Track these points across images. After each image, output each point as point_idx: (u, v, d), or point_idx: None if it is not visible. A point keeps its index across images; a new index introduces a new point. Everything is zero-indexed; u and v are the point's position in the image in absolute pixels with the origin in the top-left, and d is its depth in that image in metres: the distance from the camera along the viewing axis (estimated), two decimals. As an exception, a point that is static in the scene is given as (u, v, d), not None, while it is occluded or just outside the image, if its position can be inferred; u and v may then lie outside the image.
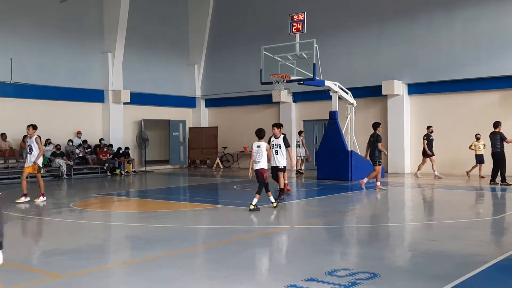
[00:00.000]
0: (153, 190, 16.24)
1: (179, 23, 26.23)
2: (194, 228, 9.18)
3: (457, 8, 19.21)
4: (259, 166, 10.58)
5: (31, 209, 11.49)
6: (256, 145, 10.68)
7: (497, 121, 15.49)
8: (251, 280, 5.56)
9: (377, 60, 20.91)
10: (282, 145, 11.70)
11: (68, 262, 6.41)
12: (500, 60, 18.19)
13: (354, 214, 10.73)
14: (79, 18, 22.19)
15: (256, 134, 10.80)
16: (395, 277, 5.62)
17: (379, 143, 13.93)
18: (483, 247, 7.17)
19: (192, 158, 26.37)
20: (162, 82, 25.29)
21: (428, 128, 18.13)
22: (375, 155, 13.95)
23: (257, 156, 10.61)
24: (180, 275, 5.80)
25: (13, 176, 18.84)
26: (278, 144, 11.73)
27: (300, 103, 23.62)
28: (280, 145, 11.71)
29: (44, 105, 20.85)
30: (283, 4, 22.80)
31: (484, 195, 13.52)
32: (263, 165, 10.58)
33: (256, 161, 10.61)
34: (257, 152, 10.60)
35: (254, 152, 10.66)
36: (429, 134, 18.02)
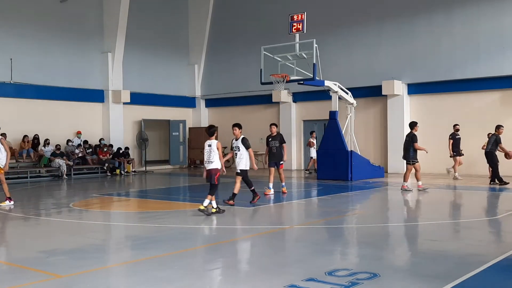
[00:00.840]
0: (153, 190, 16.24)
1: (179, 23, 26.23)
2: (194, 228, 9.17)
3: (457, 8, 19.22)
4: (212, 166, 9.95)
5: (31, 209, 11.48)
6: (207, 144, 10.08)
7: (498, 125, 15.58)
8: (250, 280, 5.56)
9: (377, 60, 20.91)
10: (242, 147, 11.17)
11: (68, 262, 6.41)
12: (500, 60, 18.19)
13: (354, 214, 10.73)
14: (79, 18, 22.19)
15: (206, 132, 10.34)
16: (395, 277, 5.62)
17: (416, 142, 13.92)
18: (483, 247, 7.17)
19: (192, 158, 26.37)
20: (162, 82, 25.29)
21: (454, 126, 17.56)
22: (410, 154, 14.01)
23: (208, 156, 9.99)
24: (180, 275, 5.80)
25: (13, 176, 18.85)
26: (237, 146, 11.25)
27: (300, 103, 23.63)
28: (239, 147, 11.21)
29: (44, 105, 20.85)
30: (283, 4, 22.80)
31: (485, 195, 13.51)
32: (216, 165, 9.97)
33: (207, 161, 10.00)
34: (208, 152, 9.99)
35: (205, 152, 10.09)
36: (455, 132, 17.46)
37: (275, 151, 13.16)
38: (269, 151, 13.31)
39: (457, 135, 17.43)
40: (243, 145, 11.15)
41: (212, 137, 10.07)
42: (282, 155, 13.25)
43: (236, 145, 11.19)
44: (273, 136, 13.29)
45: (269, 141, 13.33)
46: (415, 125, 14.33)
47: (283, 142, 13.30)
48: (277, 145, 13.15)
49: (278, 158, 13.19)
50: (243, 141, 11.15)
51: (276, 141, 13.21)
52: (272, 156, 13.24)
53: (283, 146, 13.24)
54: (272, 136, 13.31)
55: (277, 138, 13.26)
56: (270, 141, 13.31)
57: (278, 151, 13.15)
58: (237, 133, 11.27)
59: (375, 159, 20.66)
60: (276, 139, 13.24)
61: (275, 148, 13.17)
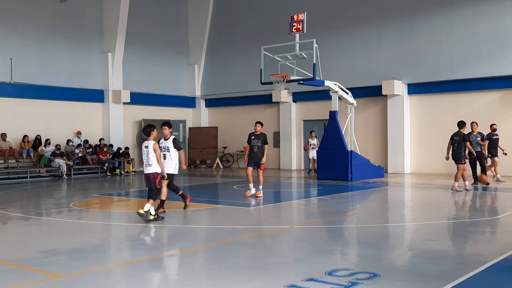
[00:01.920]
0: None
1: (179, 23, 26.24)
2: (194, 228, 9.18)
3: (457, 8, 19.22)
4: (150, 169, 9.15)
5: (31, 209, 11.48)
6: (144, 146, 9.27)
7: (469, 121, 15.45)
8: (251, 280, 5.56)
9: (377, 60, 20.91)
10: (172, 148, 9.97)
11: (68, 262, 6.40)
12: (500, 60, 18.19)
13: (354, 214, 10.73)
14: (79, 18, 22.19)
15: (143, 132, 9.67)
16: (395, 277, 5.62)
17: (468, 141, 13.72)
18: (483, 247, 7.17)
19: (192, 158, 26.38)
20: (162, 82, 25.30)
21: (491, 126, 16.29)
22: (461, 154, 13.65)
23: (146, 158, 9.17)
24: (180, 275, 5.80)
25: (13, 176, 18.86)
26: (167, 146, 10.01)
27: (300, 103, 23.63)
28: (168, 148, 9.98)
29: (44, 105, 20.86)
30: (283, 4, 22.81)
31: (486, 195, 13.51)
32: (155, 168, 9.14)
33: (146, 164, 9.17)
34: (146, 154, 9.18)
35: (143, 154, 9.24)
36: (492, 133, 16.17)
37: (257, 151, 12.55)
38: (250, 149, 12.68)
39: (495, 135, 16.20)
40: (173, 146, 9.90)
41: (150, 137, 9.25)
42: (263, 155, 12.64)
43: (165, 146, 9.99)
44: (257, 135, 12.68)
45: (252, 139, 12.66)
46: (464, 124, 13.89)
47: (266, 143, 12.68)
48: (260, 145, 12.56)
49: (259, 158, 12.60)
50: (174, 141, 9.95)
51: (259, 140, 12.61)
52: (253, 155, 12.63)
53: (265, 146, 12.63)
54: (256, 134, 12.69)
55: (261, 137, 12.65)
56: (252, 139, 12.65)
57: (260, 151, 12.54)
58: (167, 132, 10.05)
59: (375, 159, 20.66)
60: (260, 138, 12.63)
61: (257, 147, 12.56)
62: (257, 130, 12.72)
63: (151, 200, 9.17)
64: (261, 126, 12.81)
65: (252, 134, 12.75)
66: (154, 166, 9.15)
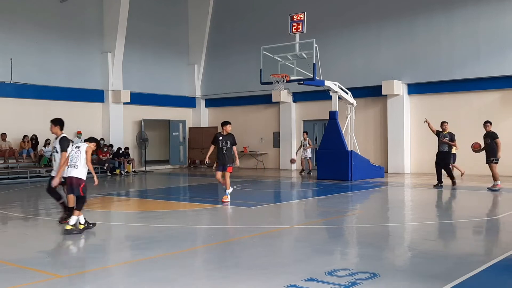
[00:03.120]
0: (153, 190, 16.24)
1: (179, 23, 26.24)
2: (194, 228, 9.18)
3: (457, 8, 19.21)
4: (74, 173, 8.26)
5: (31, 209, 11.48)
6: (75, 146, 8.54)
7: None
8: (251, 280, 5.56)
9: (377, 60, 20.91)
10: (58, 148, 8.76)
11: (68, 262, 6.41)
12: (500, 60, 18.19)
13: (354, 214, 10.73)
14: (79, 18, 22.19)
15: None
16: (395, 277, 5.62)
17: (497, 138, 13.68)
18: (483, 247, 7.17)
19: (192, 158, 26.37)
20: (162, 82, 25.30)
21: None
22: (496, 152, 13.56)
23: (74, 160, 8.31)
24: (180, 275, 5.80)
25: (13, 176, 18.86)
26: (54, 147, 8.98)
27: (300, 103, 23.63)
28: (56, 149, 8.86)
29: (44, 105, 20.84)
30: (283, 4, 22.80)
31: (484, 195, 13.51)
32: (79, 173, 8.28)
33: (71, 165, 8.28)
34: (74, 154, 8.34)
35: (71, 154, 8.38)
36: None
37: (226, 152, 11.74)
38: (219, 152, 11.79)
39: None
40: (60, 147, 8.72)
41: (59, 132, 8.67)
42: (233, 157, 11.98)
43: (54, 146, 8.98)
44: (224, 136, 11.88)
45: (219, 140, 11.80)
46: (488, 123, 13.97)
47: (234, 144, 11.93)
48: (228, 146, 11.81)
49: (227, 160, 11.75)
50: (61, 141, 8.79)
51: (228, 141, 11.83)
52: (222, 158, 11.75)
53: (233, 148, 11.90)
54: (223, 135, 11.88)
55: (229, 138, 11.87)
56: (220, 140, 11.80)
57: (228, 152, 11.77)
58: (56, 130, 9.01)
59: (375, 159, 20.66)
60: (228, 139, 11.84)
61: (225, 149, 11.76)
62: (226, 130, 11.94)
63: (76, 212, 8.27)
64: (229, 126, 12.06)
65: (220, 135, 11.95)
66: (78, 171, 8.27)
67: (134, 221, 10.02)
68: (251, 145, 24.79)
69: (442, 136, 14.67)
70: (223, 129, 12.01)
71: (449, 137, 14.67)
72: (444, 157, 14.77)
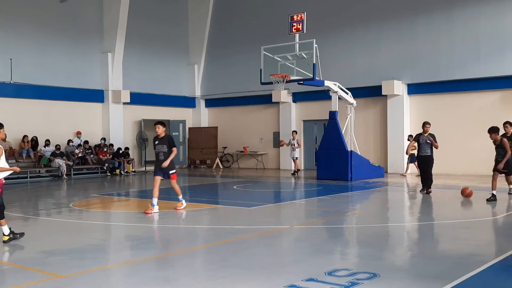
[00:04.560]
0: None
1: (179, 23, 26.24)
2: (194, 228, 9.18)
3: (457, 8, 19.22)
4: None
5: (31, 209, 11.48)
6: None
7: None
8: (251, 280, 5.56)
9: (377, 60, 20.91)
10: None
11: (68, 262, 6.41)
12: (500, 60, 18.19)
13: (354, 214, 10.73)
14: (78, 18, 22.19)
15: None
16: (395, 277, 5.62)
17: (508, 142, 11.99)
18: (483, 247, 7.17)
19: (191, 158, 26.38)
20: (162, 82, 25.30)
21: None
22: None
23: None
24: (180, 275, 5.80)
25: (13, 176, 18.82)
26: None
27: (300, 103, 23.63)
28: None
29: (44, 105, 20.85)
30: (283, 4, 22.81)
31: (484, 195, 13.50)
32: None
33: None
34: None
35: None
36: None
37: (163, 158, 10.41)
38: (156, 157, 10.69)
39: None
40: None
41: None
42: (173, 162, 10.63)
43: None
44: (161, 139, 10.56)
45: (156, 145, 10.64)
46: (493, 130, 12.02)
47: (173, 146, 10.52)
48: (165, 150, 10.44)
49: (170, 166, 10.47)
50: None
51: (164, 145, 10.48)
52: (159, 163, 10.48)
53: (172, 150, 10.48)
54: (159, 138, 10.59)
55: (165, 141, 10.55)
56: (157, 145, 10.61)
57: (167, 157, 10.40)
58: None
59: (375, 159, 20.67)
60: (164, 143, 10.51)
61: (162, 154, 10.45)
62: (158, 132, 10.60)
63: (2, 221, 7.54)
64: (163, 127, 10.65)
65: (156, 138, 10.72)
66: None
67: (134, 221, 10.01)
68: (251, 145, 24.80)
69: (423, 138, 13.13)
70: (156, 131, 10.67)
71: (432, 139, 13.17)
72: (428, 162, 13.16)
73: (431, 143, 13.04)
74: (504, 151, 11.76)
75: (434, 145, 13.07)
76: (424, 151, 13.18)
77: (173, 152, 10.44)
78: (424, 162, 13.30)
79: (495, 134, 11.84)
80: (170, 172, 10.51)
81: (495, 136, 11.86)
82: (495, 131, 11.85)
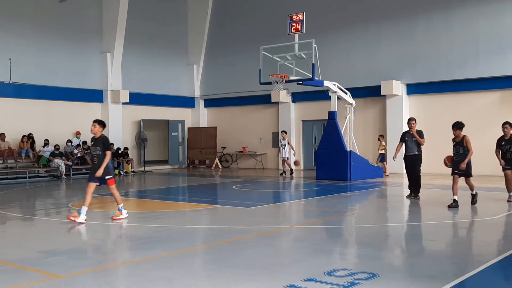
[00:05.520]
0: (152, 190, 16.24)
1: (178, 23, 26.24)
2: (194, 228, 9.18)
3: (456, 8, 19.24)
4: None
5: (30, 209, 11.47)
6: None
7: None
8: (250, 280, 5.56)
9: (376, 60, 20.93)
10: None
11: (68, 262, 6.40)
12: (499, 60, 18.21)
13: (353, 214, 10.74)
14: (78, 18, 22.18)
15: None
16: (394, 277, 5.63)
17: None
18: (482, 247, 7.18)
19: (191, 158, 26.38)
20: (161, 82, 25.30)
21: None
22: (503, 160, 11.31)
23: None
24: (180, 275, 5.80)
25: (12, 176, 18.84)
26: None
27: (299, 103, 23.64)
28: None
29: (43, 105, 20.85)
30: (282, 4, 22.82)
31: (484, 195, 13.52)
32: None
33: None
34: None
35: None
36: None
37: (97, 161, 9.36)
38: (91, 160, 9.97)
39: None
40: None
41: None
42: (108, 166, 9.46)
43: None
44: (96, 140, 9.44)
45: (91, 146, 9.75)
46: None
47: (107, 149, 9.39)
48: (99, 153, 9.30)
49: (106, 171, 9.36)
50: None
51: (98, 147, 9.31)
52: (96, 167, 9.40)
53: (106, 154, 9.33)
54: (95, 139, 9.47)
55: (99, 143, 9.36)
56: (91, 146, 9.66)
57: (101, 161, 9.30)
58: None
59: (374, 159, 20.67)
60: (98, 145, 9.34)
61: (96, 156, 9.38)
62: (94, 131, 9.48)
63: None
64: (99, 126, 9.44)
65: (92, 139, 9.66)
66: None
67: (134, 221, 10.01)
68: (250, 145, 24.80)
69: (409, 137, 12.39)
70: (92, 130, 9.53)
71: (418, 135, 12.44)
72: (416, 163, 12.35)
73: (418, 142, 12.24)
74: (464, 150, 10.99)
75: (419, 141, 12.18)
76: (411, 151, 12.35)
77: (107, 156, 9.29)
78: (411, 162, 12.36)
79: (459, 131, 11.11)
80: (107, 178, 9.40)
81: (459, 132, 11.12)
82: (460, 127, 11.13)
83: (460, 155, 11.01)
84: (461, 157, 10.98)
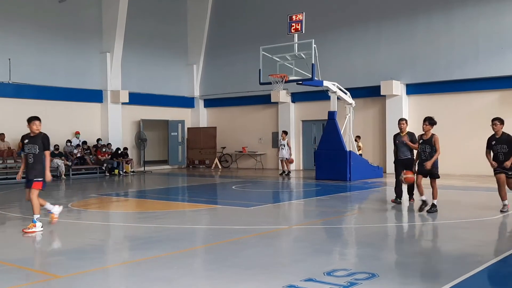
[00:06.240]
0: (152, 190, 16.24)
1: (178, 23, 26.23)
2: (194, 228, 9.18)
3: (456, 8, 19.24)
4: None
5: (30, 210, 11.46)
6: None
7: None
8: (250, 280, 5.56)
9: (375, 60, 20.93)
10: None
11: (68, 262, 6.41)
12: (499, 60, 18.20)
13: (352, 214, 10.74)
14: (77, 18, 22.17)
15: None
16: (394, 277, 5.63)
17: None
18: (482, 247, 7.18)
19: (190, 158, 26.37)
20: (161, 82, 25.29)
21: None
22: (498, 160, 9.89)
23: None
24: (180, 275, 5.80)
25: (12, 176, 18.81)
26: None
27: (298, 103, 23.63)
28: None
29: (43, 105, 20.80)
30: (282, 4, 22.81)
31: (482, 195, 13.53)
32: None
33: None
34: None
35: None
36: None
37: (31, 161, 8.43)
38: (25, 160, 8.59)
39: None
40: None
41: None
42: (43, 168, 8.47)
43: None
44: (32, 137, 8.49)
45: (25, 144, 8.56)
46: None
47: (46, 149, 8.53)
48: (36, 152, 8.43)
49: (33, 172, 8.44)
50: None
51: (35, 145, 8.45)
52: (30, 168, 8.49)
53: (45, 154, 8.50)
54: (30, 137, 8.52)
55: (37, 140, 8.47)
56: (26, 144, 8.55)
57: (36, 160, 8.43)
58: None
59: (374, 159, 20.68)
60: (36, 143, 8.46)
61: (31, 156, 8.43)
62: (32, 129, 8.51)
63: None
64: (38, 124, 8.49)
65: (26, 136, 8.59)
66: None
67: (133, 221, 10.02)
68: (249, 145, 24.81)
69: (399, 139, 11.45)
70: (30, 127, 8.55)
71: (409, 138, 11.36)
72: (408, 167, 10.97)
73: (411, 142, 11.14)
74: (431, 149, 10.04)
75: (411, 146, 11.11)
76: (403, 154, 11.34)
77: (47, 156, 8.48)
78: (404, 166, 11.15)
79: (430, 127, 10.09)
80: (35, 179, 8.37)
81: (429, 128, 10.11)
82: (432, 123, 10.11)
83: (427, 155, 10.08)
84: (428, 157, 10.05)
